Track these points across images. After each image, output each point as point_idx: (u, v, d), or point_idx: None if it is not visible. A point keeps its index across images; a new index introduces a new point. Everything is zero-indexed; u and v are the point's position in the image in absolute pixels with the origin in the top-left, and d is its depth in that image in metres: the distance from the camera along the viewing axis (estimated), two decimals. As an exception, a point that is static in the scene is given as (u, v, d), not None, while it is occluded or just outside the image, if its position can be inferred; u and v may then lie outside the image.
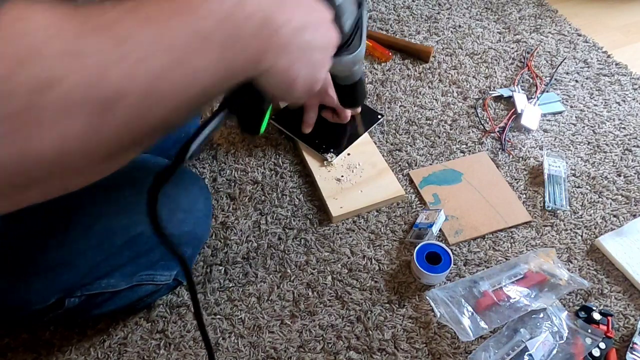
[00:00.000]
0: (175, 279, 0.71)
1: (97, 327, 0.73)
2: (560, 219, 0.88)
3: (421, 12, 1.30)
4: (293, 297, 0.77)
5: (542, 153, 0.97)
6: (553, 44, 1.22)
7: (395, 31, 1.24)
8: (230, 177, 0.92)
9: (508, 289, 0.76)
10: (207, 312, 0.75)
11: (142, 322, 0.74)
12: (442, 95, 1.09)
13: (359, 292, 0.78)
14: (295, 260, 0.81)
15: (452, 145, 0.99)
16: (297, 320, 0.75)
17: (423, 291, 0.78)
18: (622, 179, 0.94)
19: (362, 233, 0.85)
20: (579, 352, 0.70)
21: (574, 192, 0.92)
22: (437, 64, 1.16)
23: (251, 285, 0.78)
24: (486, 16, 1.30)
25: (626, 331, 0.75)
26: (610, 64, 1.17)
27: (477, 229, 0.85)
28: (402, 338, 0.73)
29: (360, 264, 0.81)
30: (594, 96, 1.10)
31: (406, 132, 1.01)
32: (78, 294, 0.62)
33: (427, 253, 0.79)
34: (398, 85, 1.10)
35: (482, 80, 1.13)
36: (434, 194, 0.90)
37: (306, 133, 0.94)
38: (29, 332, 0.72)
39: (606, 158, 0.98)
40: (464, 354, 0.72)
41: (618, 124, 1.04)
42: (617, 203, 0.91)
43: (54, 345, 0.71)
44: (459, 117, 1.04)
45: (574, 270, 0.81)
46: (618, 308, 0.77)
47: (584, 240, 0.85)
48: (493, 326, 0.72)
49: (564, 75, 1.14)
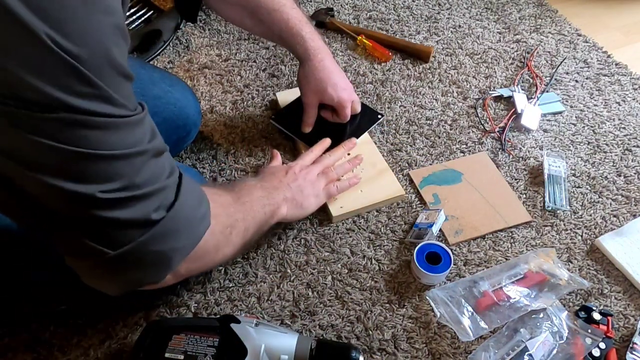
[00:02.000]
0: None
1: (97, 327, 0.73)
2: (560, 219, 0.88)
3: (421, 12, 1.30)
4: (293, 297, 0.77)
5: (542, 153, 0.97)
6: (553, 44, 1.22)
7: (395, 31, 1.24)
8: (230, 177, 0.92)
9: (508, 289, 0.76)
10: (207, 312, 0.75)
11: (142, 322, 0.74)
12: (442, 95, 1.09)
13: (359, 292, 0.78)
14: (295, 260, 0.81)
15: (452, 145, 0.99)
16: (297, 320, 0.75)
17: (423, 291, 0.78)
18: (622, 179, 0.94)
19: (362, 233, 0.85)
20: (579, 352, 0.70)
21: (574, 192, 0.92)
22: (437, 64, 1.16)
23: (251, 285, 0.78)
24: (486, 16, 1.30)
25: (626, 331, 0.75)
26: (610, 64, 1.17)
27: (477, 229, 0.85)
28: (402, 338, 0.73)
29: (360, 264, 0.81)
30: (594, 96, 1.10)
31: (406, 132, 1.01)
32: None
33: (427, 253, 0.79)
34: (398, 85, 1.10)
35: (482, 80, 1.13)
36: (434, 194, 0.90)
37: (306, 132, 0.94)
38: (29, 332, 0.72)
39: (606, 158, 0.98)
40: (464, 354, 0.72)
41: (618, 124, 1.04)
42: (617, 203, 0.91)
43: (54, 345, 0.71)
44: (459, 117, 1.04)
45: (574, 270, 0.81)
46: (618, 308, 0.77)
47: (584, 240, 0.85)
48: (493, 326, 0.72)
49: (564, 75, 1.14)
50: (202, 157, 0.95)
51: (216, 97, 1.06)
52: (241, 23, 0.90)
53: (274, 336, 0.63)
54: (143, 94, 0.74)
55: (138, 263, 0.47)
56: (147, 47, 1.12)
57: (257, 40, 1.19)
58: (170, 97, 0.82)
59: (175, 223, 0.47)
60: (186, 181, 0.50)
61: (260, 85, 1.09)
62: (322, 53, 0.87)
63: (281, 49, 1.16)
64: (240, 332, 0.62)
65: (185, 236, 0.50)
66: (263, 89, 1.08)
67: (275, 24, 0.85)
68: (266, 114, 1.03)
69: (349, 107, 0.92)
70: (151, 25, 1.15)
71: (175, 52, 1.15)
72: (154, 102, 0.78)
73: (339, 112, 0.92)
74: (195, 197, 0.52)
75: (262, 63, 1.13)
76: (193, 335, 0.62)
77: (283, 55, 1.15)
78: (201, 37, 1.19)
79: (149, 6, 1.18)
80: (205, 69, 1.11)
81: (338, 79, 0.89)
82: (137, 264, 0.47)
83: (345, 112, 0.92)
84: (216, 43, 1.18)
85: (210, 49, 1.16)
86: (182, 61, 1.13)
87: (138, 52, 1.11)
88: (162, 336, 0.63)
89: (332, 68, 0.88)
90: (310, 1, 1.32)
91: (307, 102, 0.91)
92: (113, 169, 0.41)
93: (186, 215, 0.49)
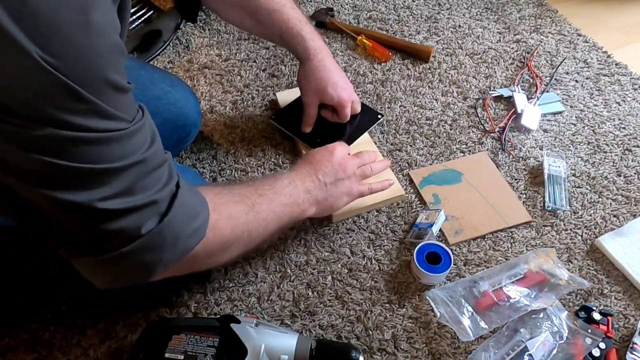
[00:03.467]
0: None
1: (97, 327, 0.73)
2: (560, 219, 0.88)
3: (421, 12, 1.30)
4: (293, 297, 0.77)
5: (542, 153, 0.97)
6: (553, 44, 1.22)
7: (395, 31, 1.24)
8: (230, 177, 0.92)
9: (508, 289, 0.76)
10: (207, 312, 0.75)
11: (142, 322, 0.74)
12: (442, 95, 1.09)
13: (359, 292, 0.78)
14: (295, 260, 0.81)
15: (452, 145, 0.99)
16: (297, 320, 0.75)
17: (423, 291, 0.78)
18: (622, 179, 0.94)
19: (362, 233, 0.85)
20: (579, 352, 0.70)
21: (574, 192, 0.92)
22: (437, 64, 1.16)
23: (251, 285, 0.78)
24: (486, 16, 1.30)
25: (626, 331, 0.75)
26: (610, 64, 1.17)
27: (477, 229, 0.85)
28: (402, 338, 0.73)
29: (360, 264, 0.81)
30: (594, 96, 1.10)
31: (406, 132, 1.01)
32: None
33: (427, 253, 0.79)
34: (398, 85, 1.10)
35: (482, 80, 1.13)
36: (434, 194, 0.90)
37: (306, 132, 0.94)
38: (29, 332, 0.72)
39: (606, 158, 0.98)
40: (464, 354, 0.72)
41: (618, 124, 1.04)
42: (617, 203, 0.91)
43: (54, 345, 0.71)
44: (459, 117, 1.04)
45: (574, 270, 0.81)
46: (618, 308, 0.77)
47: (584, 240, 0.85)
48: (493, 326, 0.72)
49: (564, 75, 1.14)
50: (202, 157, 0.95)
51: (216, 97, 1.06)
52: (241, 24, 0.90)
53: (274, 336, 0.63)
54: (143, 95, 0.74)
55: (119, 269, 0.47)
56: (147, 47, 1.12)
57: (257, 40, 1.19)
58: (171, 97, 0.82)
59: (161, 237, 0.47)
60: (183, 193, 0.49)
61: (260, 85, 1.09)
62: (323, 53, 0.87)
63: (281, 49, 1.16)
64: (240, 332, 0.62)
65: (171, 250, 0.49)
66: (263, 89, 1.08)
67: (275, 25, 0.85)
68: (266, 114, 1.03)
69: (349, 106, 0.92)
70: (151, 25, 1.15)
71: (175, 52, 1.15)
72: (154, 102, 0.78)
73: (339, 111, 0.92)
74: (190, 210, 0.51)
75: (262, 63, 1.13)
76: (193, 335, 0.62)
77: (283, 55, 1.15)
78: (201, 37, 1.19)
79: (149, 6, 1.18)
80: (205, 69, 1.11)
81: (338, 78, 0.89)
82: (118, 270, 0.47)
83: (345, 111, 0.92)
84: (216, 43, 1.18)
85: (210, 49, 1.16)
86: (182, 61, 1.13)
87: (138, 52, 1.11)
88: (162, 336, 0.63)
89: (332, 68, 0.88)
90: (310, 1, 1.32)
91: (307, 101, 0.91)
92: (110, 180, 0.42)
93: (174, 230, 0.48)
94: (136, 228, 0.44)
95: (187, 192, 0.50)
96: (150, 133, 0.46)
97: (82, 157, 0.39)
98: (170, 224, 0.47)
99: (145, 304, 0.74)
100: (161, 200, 0.46)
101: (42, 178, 0.39)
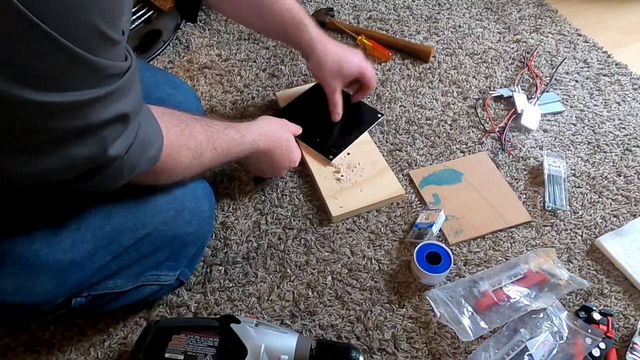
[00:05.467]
0: (178, 278, 0.72)
1: (97, 327, 0.73)
2: (560, 219, 0.88)
3: (421, 12, 1.30)
4: (293, 297, 0.77)
5: (542, 153, 0.97)
6: (553, 44, 1.22)
7: (395, 31, 1.24)
8: (230, 177, 0.92)
9: (508, 289, 0.76)
10: (207, 312, 0.75)
11: (142, 322, 0.74)
12: (442, 95, 1.09)
13: (359, 292, 0.78)
14: (295, 260, 0.81)
15: (452, 145, 0.99)
16: (297, 320, 0.75)
17: (423, 291, 0.78)
18: (622, 179, 0.94)
19: (362, 233, 0.85)
20: (579, 352, 0.70)
21: (574, 192, 0.92)
22: (437, 64, 1.16)
23: (251, 285, 0.78)
24: (486, 16, 1.30)
25: (626, 331, 0.75)
26: (610, 64, 1.17)
27: (477, 229, 0.85)
28: (402, 338, 0.73)
29: (360, 264, 0.81)
30: (594, 96, 1.10)
31: (406, 132, 1.01)
32: (85, 294, 0.62)
33: (427, 253, 0.79)
34: (398, 85, 1.10)
35: (482, 80, 1.13)
36: (434, 194, 0.90)
37: (336, 121, 0.95)
38: (29, 332, 0.72)
39: (606, 158, 0.98)
40: (464, 354, 0.72)
41: (618, 124, 1.04)
42: (617, 203, 0.91)
43: (54, 345, 0.71)
44: (459, 117, 1.04)
45: (574, 270, 0.81)
46: (618, 308, 0.77)
47: (584, 240, 0.85)
48: (493, 326, 0.72)
49: (564, 75, 1.14)
50: (202, 157, 0.95)
51: (216, 97, 1.06)
52: (243, 18, 0.90)
53: (274, 336, 0.63)
54: (147, 97, 0.74)
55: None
56: (147, 47, 1.12)
57: (257, 40, 1.19)
58: (174, 99, 0.83)
59: (120, 165, 0.51)
60: (144, 123, 0.54)
61: (260, 85, 1.09)
62: (324, 38, 0.89)
63: (281, 49, 1.16)
64: (240, 332, 0.62)
65: (128, 174, 0.54)
66: (263, 89, 1.08)
67: (278, 15, 0.85)
68: (266, 114, 1.03)
69: (370, 66, 0.93)
70: (151, 25, 1.15)
71: (175, 52, 1.15)
72: (158, 105, 0.79)
73: (365, 74, 0.93)
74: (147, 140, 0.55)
75: (262, 63, 1.13)
76: (193, 335, 0.63)
77: (283, 56, 1.15)
78: (201, 37, 1.19)
79: (149, 6, 1.18)
80: (205, 69, 1.11)
81: (347, 52, 0.91)
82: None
83: (370, 72, 0.93)
84: (216, 43, 1.18)
85: (210, 49, 1.16)
86: (182, 61, 1.13)
87: (138, 52, 1.11)
88: (162, 336, 0.63)
89: (337, 48, 0.90)
90: (310, 1, 1.32)
91: (330, 90, 0.92)
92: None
93: (132, 161, 0.52)
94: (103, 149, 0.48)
95: (146, 119, 0.56)
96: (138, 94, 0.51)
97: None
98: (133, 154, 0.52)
99: (146, 303, 0.74)
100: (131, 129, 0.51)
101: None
